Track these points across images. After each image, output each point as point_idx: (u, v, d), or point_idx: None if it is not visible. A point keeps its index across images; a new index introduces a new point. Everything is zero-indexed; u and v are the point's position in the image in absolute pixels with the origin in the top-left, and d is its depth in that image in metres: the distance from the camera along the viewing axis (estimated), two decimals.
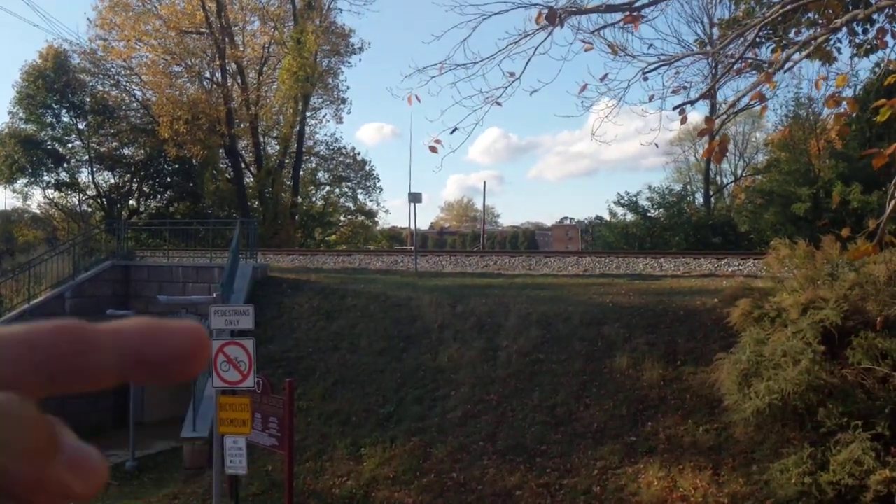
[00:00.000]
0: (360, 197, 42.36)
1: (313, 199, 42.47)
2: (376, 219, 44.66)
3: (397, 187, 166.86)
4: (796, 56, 5.89)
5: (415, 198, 22.00)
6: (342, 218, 43.33)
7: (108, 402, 20.59)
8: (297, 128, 36.02)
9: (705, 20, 34.06)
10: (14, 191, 36.36)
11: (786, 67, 5.83)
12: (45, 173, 34.96)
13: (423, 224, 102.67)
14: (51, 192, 36.37)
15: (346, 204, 42.85)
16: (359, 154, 42.01)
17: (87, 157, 35.36)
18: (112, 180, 36.70)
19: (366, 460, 13.59)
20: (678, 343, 14.33)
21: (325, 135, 47.31)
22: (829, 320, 11.13)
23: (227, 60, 33.70)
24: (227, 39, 33.34)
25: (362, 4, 49.35)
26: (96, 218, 35.53)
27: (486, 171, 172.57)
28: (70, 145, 35.36)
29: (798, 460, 10.82)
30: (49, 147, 34.46)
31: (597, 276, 19.54)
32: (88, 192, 36.59)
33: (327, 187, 42.57)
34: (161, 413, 20.13)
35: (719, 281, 17.08)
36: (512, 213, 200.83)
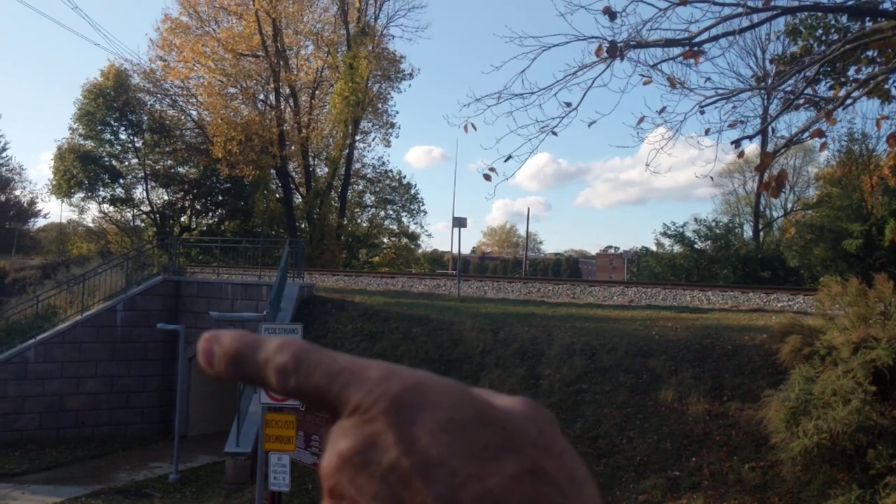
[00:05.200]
0: (404, 220, 42.71)
1: (359, 220, 42.89)
2: (419, 242, 44.93)
3: (443, 210, 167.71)
4: (855, 94, 5.88)
5: (459, 223, 22.14)
6: (386, 240, 43.65)
7: (155, 414, 20.97)
8: (346, 151, 36.52)
9: (758, 53, 33.82)
10: (71, 204, 37.39)
11: (844, 105, 5.83)
12: (101, 188, 35.88)
13: (465, 248, 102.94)
14: (106, 207, 37.31)
15: (391, 226, 43.21)
16: (404, 177, 42.40)
17: (142, 174, 36.24)
18: (166, 197, 37.55)
19: None
20: (725, 378, 14.16)
21: (373, 158, 48.03)
22: (881, 360, 10.94)
23: (281, 83, 34.36)
24: (281, 63, 34.02)
25: (414, 31, 50.13)
26: (149, 233, 36.30)
27: (533, 197, 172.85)
28: (126, 162, 36.27)
29: (846, 502, 10.60)
30: (106, 163, 35.37)
31: (643, 307, 19.41)
32: (142, 208, 37.46)
33: (372, 210, 42.99)
34: (204, 427, 20.42)
35: (768, 316, 16.86)
36: (555, 240, 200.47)
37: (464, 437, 0.37)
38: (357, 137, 37.39)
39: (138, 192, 37.16)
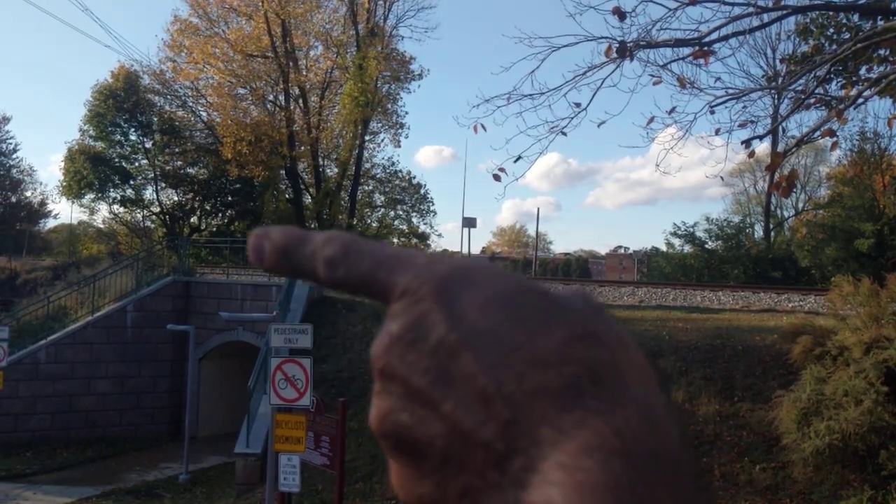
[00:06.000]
0: (414, 220, 42.68)
1: (368, 221, 42.89)
2: (429, 242, 44.88)
3: (454, 210, 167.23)
4: (867, 93, 5.84)
5: (469, 223, 22.15)
6: (396, 240, 43.60)
7: (165, 415, 21.02)
8: (356, 151, 36.52)
9: (769, 52, 33.69)
10: (81, 205, 37.51)
11: (856, 104, 5.79)
12: (111, 189, 35.95)
13: (475, 249, 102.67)
14: (116, 208, 37.42)
15: (400, 227, 43.20)
16: (414, 178, 42.36)
17: (152, 174, 36.31)
18: (175, 198, 37.60)
19: None
20: (736, 378, 14.10)
21: (383, 158, 47.97)
22: (894, 360, 10.87)
23: (290, 84, 34.39)
24: (291, 64, 34.05)
25: (423, 32, 50.02)
26: (159, 234, 36.40)
27: (543, 197, 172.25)
28: (137, 163, 36.35)
29: (858, 503, 10.54)
30: (117, 164, 35.46)
31: (653, 307, 19.35)
32: (152, 209, 37.53)
33: (382, 210, 43.01)
34: (214, 428, 20.47)
35: (779, 317, 16.78)
36: (565, 241, 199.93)
37: (511, 308, 0.37)
38: (367, 138, 37.38)
39: (148, 193, 37.27)
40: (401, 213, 42.65)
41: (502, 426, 0.35)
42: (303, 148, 35.53)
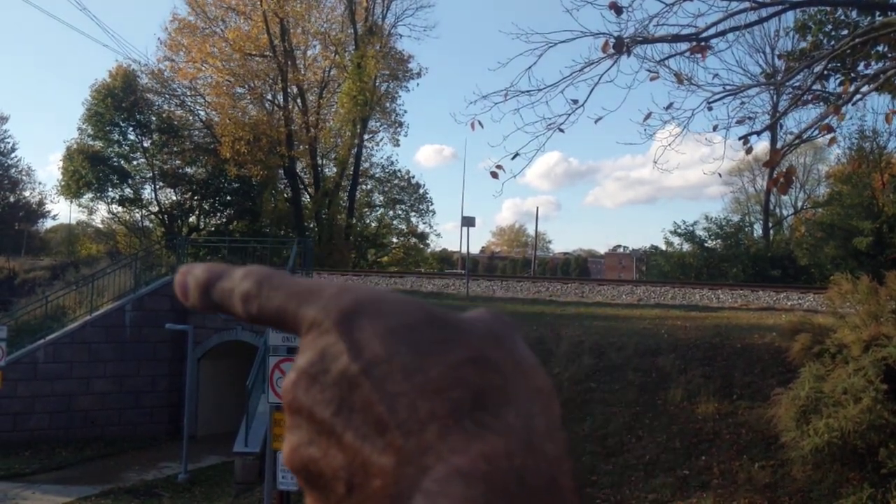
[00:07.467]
0: (413, 219, 42.62)
1: (367, 220, 42.85)
2: (428, 241, 44.84)
3: (454, 209, 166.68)
4: (865, 89, 5.82)
5: (468, 222, 22.09)
6: (395, 240, 43.61)
7: (163, 414, 20.98)
8: (355, 150, 36.50)
9: (767, 50, 33.71)
10: (79, 205, 37.50)
11: (854, 100, 5.77)
12: (110, 189, 35.92)
13: (474, 248, 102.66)
14: (115, 208, 37.39)
15: (400, 226, 43.15)
16: (413, 177, 42.32)
17: (150, 174, 36.27)
18: (174, 197, 37.54)
19: None
20: (734, 377, 14.08)
21: (382, 157, 47.97)
22: (893, 358, 10.85)
23: (288, 83, 34.38)
24: (289, 63, 34.03)
25: (422, 31, 50.06)
26: (157, 234, 36.36)
27: (543, 196, 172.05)
28: (135, 162, 36.30)
29: (857, 501, 10.53)
30: (115, 164, 35.42)
31: (651, 305, 19.33)
32: (151, 209, 37.49)
33: (381, 209, 42.96)
34: (213, 427, 20.44)
35: (778, 315, 16.76)
36: (564, 240, 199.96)
37: (412, 337, 0.38)
38: (365, 137, 37.37)
39: (147, 193, 37.24)
40: (400, 212, 42.61)
41: (396, 454, 0.35)
42: (301, 147, 35.50)
